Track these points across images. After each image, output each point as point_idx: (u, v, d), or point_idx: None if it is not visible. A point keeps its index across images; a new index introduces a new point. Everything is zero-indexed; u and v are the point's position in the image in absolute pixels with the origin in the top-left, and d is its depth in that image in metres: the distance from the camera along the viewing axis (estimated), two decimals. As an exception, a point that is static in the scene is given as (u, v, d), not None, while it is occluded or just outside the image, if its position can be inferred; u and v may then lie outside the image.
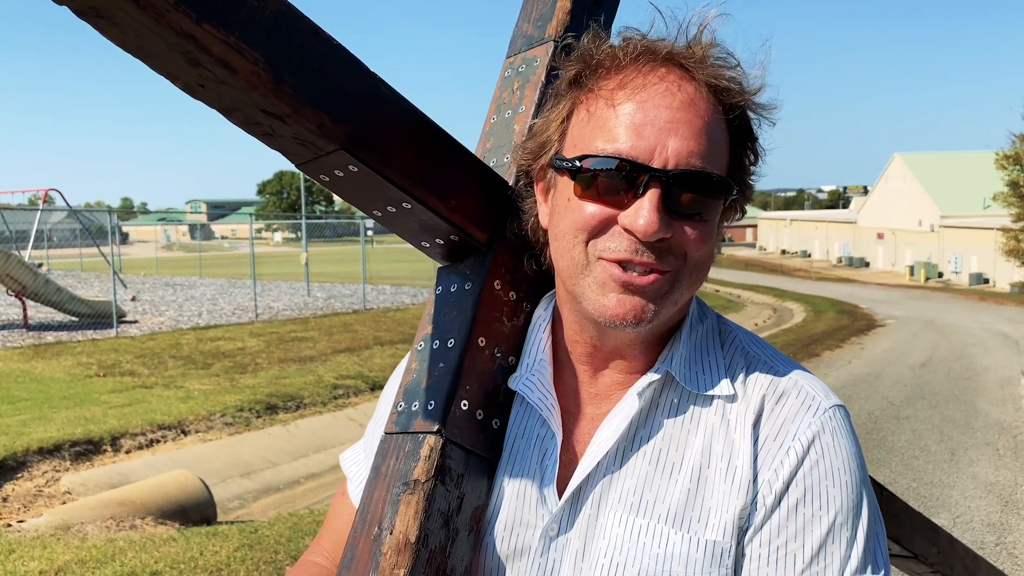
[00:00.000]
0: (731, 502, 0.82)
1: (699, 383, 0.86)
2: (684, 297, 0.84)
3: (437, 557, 0.81)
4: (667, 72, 0.81)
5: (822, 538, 0.80)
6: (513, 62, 1.11)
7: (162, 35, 0.69)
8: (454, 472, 0.85)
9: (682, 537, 0.81)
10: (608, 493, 0.85)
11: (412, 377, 0.91)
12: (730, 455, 0.83)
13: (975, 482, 6.07)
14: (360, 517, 0.85)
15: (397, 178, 0.83)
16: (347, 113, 0.79)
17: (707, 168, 0.79)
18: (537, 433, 0.89)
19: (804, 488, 0.81)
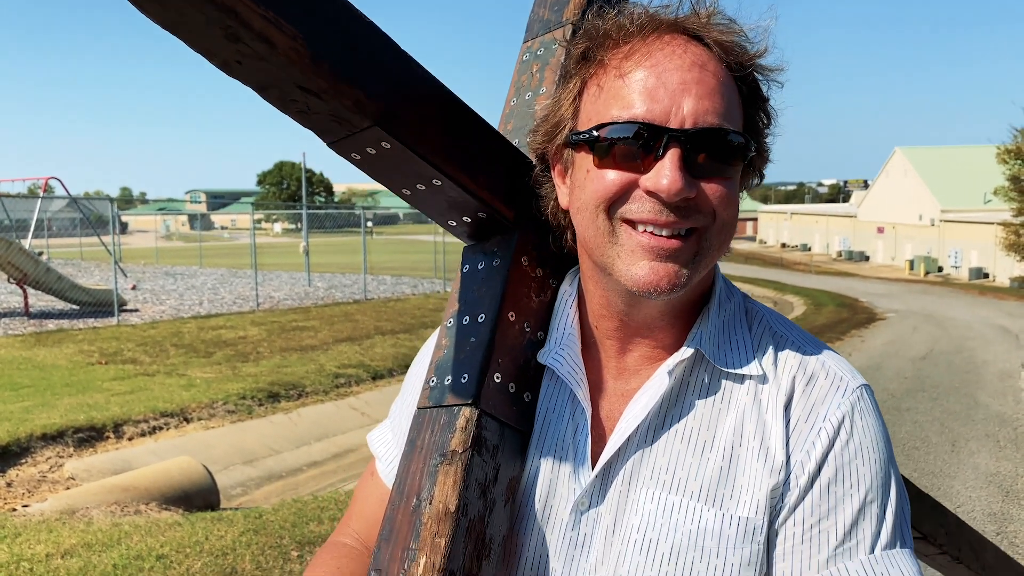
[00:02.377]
0: (763, 481, 0.83)
1: (728, 361, 0.87)
2: (712, 260, 0.85)
3: (476, 526, 0.83)
4: (672, 38, 0.82)
5: (854, 515, 0.82)
6: (531, 46, 1.11)
7: (203, 10, 0.70)
8: (489, 443, 0.86)
9: (715, 514, 0.83)
10: (639, 470, 0.86)
11: (443, 353, 0.93)
12: (762, 435, 0.84)
13: (976, 473, 6.10)
14: (397, 490, 0.86)
15: (429, 155, 0.84)
16: (382, 90, 0.80)
17: (724, 125, 0.80)
18: (568, 407, 0.91)
19: (836, 467, 0.83)
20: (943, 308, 24.45)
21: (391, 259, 31.18)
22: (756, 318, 0.92)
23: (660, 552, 0.83)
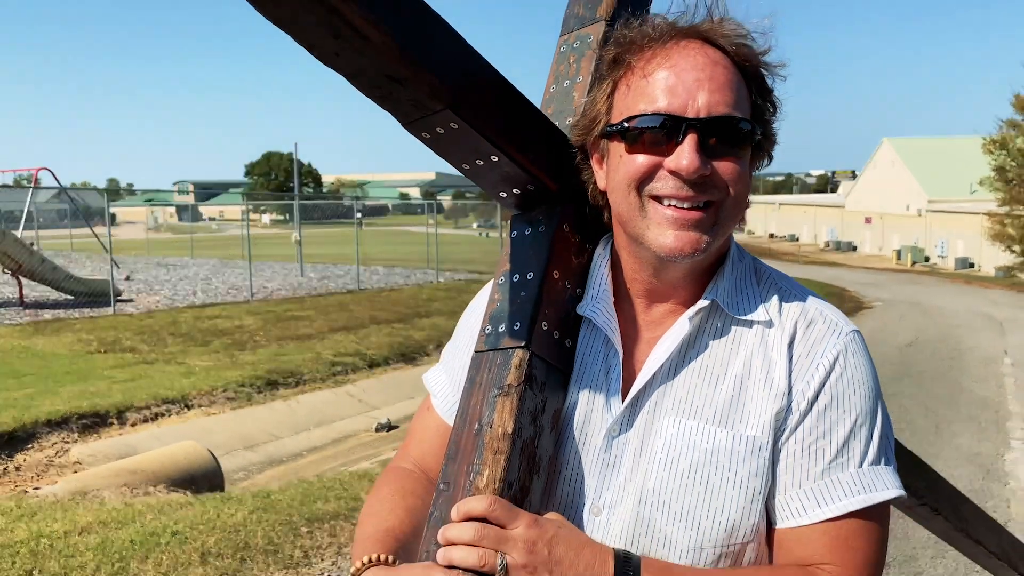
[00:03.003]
0: (769, 406, 0.98)
1: (740, 310, 1.03)
2: (727, 229, 1.00)
3: (528, 447, 0.98)
4: (688, 42, 0.97)
5: (846, 435, 0.97)
6: (568, 39, 1.26)
7: (315, 12, 0.84)
8: (538, 380, 1.01)
9: (726, 434, 0.98)
10: (663, 401, 1.02)
11: (496, 305, 1.08)
12: (768, 369, 1.00)
13: (958, 453, 6.31)
14: (461, 418, 1.02)
15: (489, 134, 0.99)
16: (452, 77, 0.94)
17: (733, 113, 0.95)
18: (602, 351, 1.06)
19: (831, 396, 0.98)
20: (929, 297, 24.75)
21: (382, 250, 31.23)
22: (764, 276, 1.08)
23: (680, 468, 0.98)
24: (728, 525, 0.97)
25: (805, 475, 0.97)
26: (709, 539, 0.97)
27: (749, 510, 0.97)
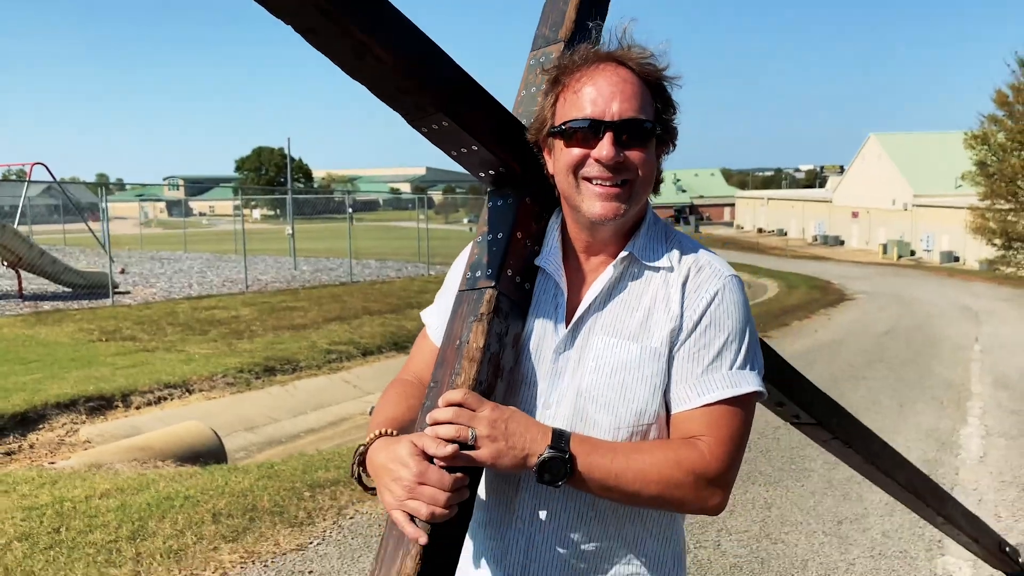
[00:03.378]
0: (666, 326, 1.36)
1: (650, 259, 1.40)
2: (640, 200, 1.37)
3: (494, 359, 1.35)
4: (606, 65, 1.34)
5: (720, 347, 1.35)
6: (536, 55, 1.64)
7: (346, 41, 1.21)
8: (503, 311, 1.38)
9: (638, 347, 1.36)
10: (594, 325, 1.39)
11: (475, 257, 1.45)
12: (667, 301, 1.37)
13: (918, 429, 6.72)
14: (446, 338, 1.39)
15: (470, 130, 1.37)
16: (444, 91, 1.31)
17: (639, 116, 1.32)
18: (552, 291, 1.43)
19: (710, 319, 1.36)
20: (911, 289, 25.23)
21: (373, 244, 31.55)
22: (672, 236, 1.46)
23: (605, 371, 1.36)
24: (637, 411, 1.35)
25: (690, 374, 1.35)
26: (624, 422, 1.35)
27: (652, 400, 1.35)
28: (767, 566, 3.95)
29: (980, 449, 6.10)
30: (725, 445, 1.32)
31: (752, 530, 4.41)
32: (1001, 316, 16.76)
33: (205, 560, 3.89)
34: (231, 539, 4.13)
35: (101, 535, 4.11)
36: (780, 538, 4.31)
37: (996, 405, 7.67)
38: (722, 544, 4.21)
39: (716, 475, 1.30)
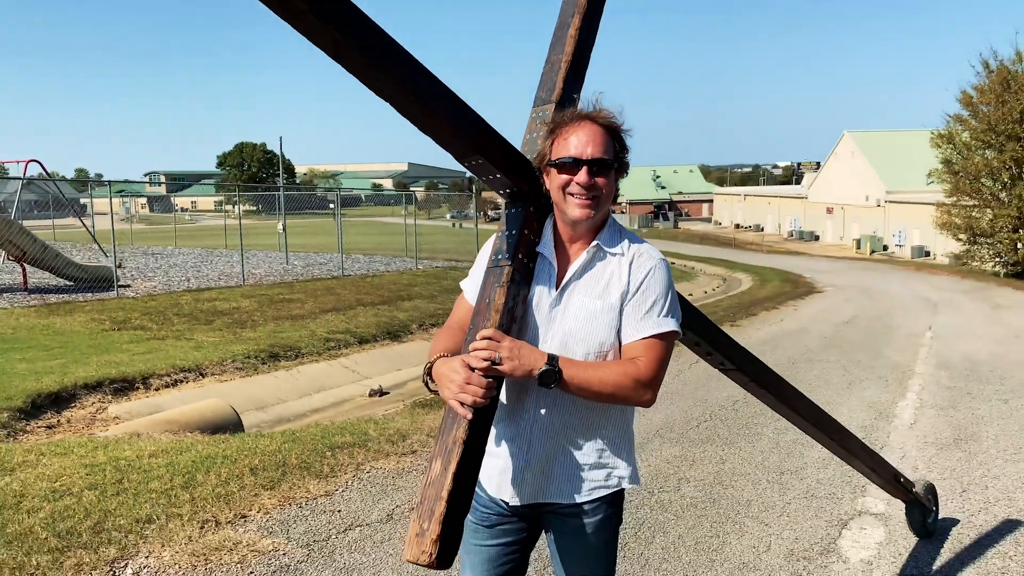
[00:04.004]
0: (619, 290, 2.15)
1: (611, 247, 2.20)
2: (604, 209, 2.16)
3: (512, 311, 2.13)
4: (584, 123, 2.13)
5: (651, 303, 2.14)
6: (537, 110, 2.43)
7: (413, 106, 2.00)
8: (516, 280, 2.17)
9: (602, 303, 2.15)
10: (574, 289, 2.18)
11: (498, 246, 2.24)
12: (620, 274, 2.17)
13: (861, 401, 7.58)
14: (479, 298, 2.17)
15: (496, 165, 2.16)
16: (481, 141, 2.10)
17: (604, 156, 2.10)
18: (547, 268, 2.22)
19: (646, 286, 2.15)
20: (878, 282, 26.29)
21: (359, 240, 32.20)
22: (624, 233, 2.26)
23: (582, 318, 2.15)
24: (600, 342, 2.14)
25: (633, 319, 2.14)
26: (592, 349, 2.15)
27: (609, 336, 2.15)
28: (717, 504, 4.78)
29: (912, 417, 6.98)
30: (653, 363, 2.12)
31: (707, 479, 5.24)
32: (958, 307, 17.76)
33: (249, 503, 4.66)
34: (268, 487, 4.90)
35: (158, 484, 4.86)
36: (730, 484, 5.14)
37: (935, 382, 8.57)
38: (681, 488, 5.04)
39: (648, 380, 2.10)
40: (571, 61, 2.39)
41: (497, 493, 2.23)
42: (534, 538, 2.34)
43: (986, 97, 32.56)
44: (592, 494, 2.20)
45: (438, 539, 1.88)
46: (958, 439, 6.30)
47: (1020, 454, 5.90)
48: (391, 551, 4.05)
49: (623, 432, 2.26)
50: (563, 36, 2.43)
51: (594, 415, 2.19)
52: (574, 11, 2.45)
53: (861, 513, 4.67)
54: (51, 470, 5.09)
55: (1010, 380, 8.76)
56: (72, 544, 3.96)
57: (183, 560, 3.87)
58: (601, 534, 2.23)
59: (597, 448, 2.21)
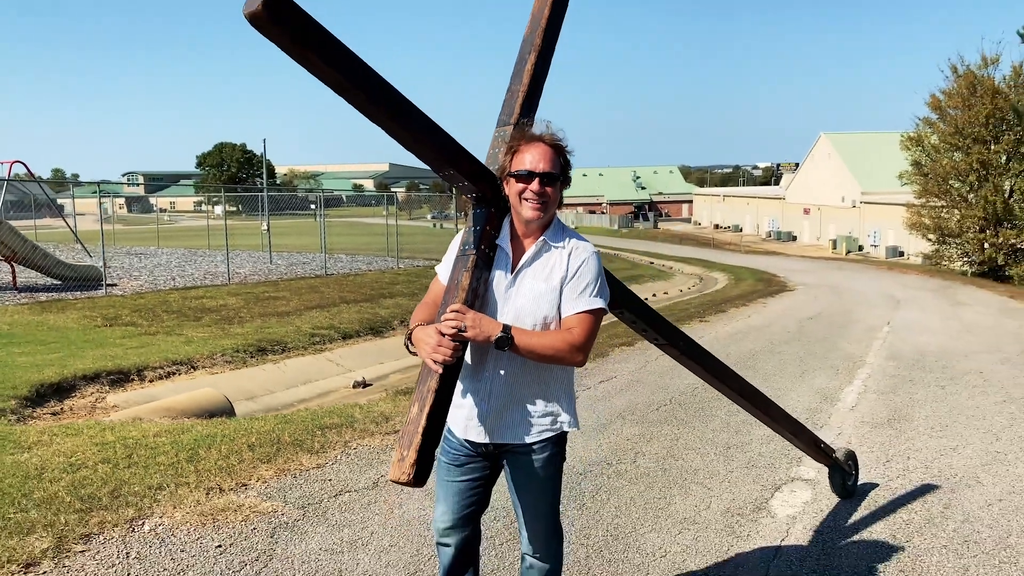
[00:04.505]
0: (559, 275, 2.71)
1: (555, 241, 2.76)
2: (551, 211, 2.72)
3: (475, 290, 2.68)
4: (536, 143, 2.70)
5: (584, 286, 2.69)
6: (499, 131, 2.99)
7: (405, 138, 2.56)
8: (479, 266, 2.72)
9: (546, 285, 2.71)
10: (525, 274, 2.74)
11: (465, 238, 2.79)
12: (561, 263, 2.72)
13: (811, 388, 8.20)
14: (450, 280, 2.72)
15: (464, 175, 2.71)
16: (453, 157, 2.66)
17: (552, 171, 2.67)
18: (505, 257, 2.78)
19: (581, 271, 2.71)
20: (848, 281, 27.08)
21: (341, 240, 32.63)
22: (566, 231, 2.82)
23: (531, 297, 2.71)
24: (544, 316, 2.70)
25: (570, 298, 2.71)
26: (538, 322, 2.70)
27: (551, 311, 2.70)
28: (667, 473, 5.36)
29: (854, 401, 7.60)
30: (585, 332, 2.68)
31: (661, 453, 5.83)
32: (920, 303, 18.51)
33: (249, 474, 5.18)
34: (265, 461, 5.43)
35: (165, 459, 5.37)
36: (681, 457, 5.73)
37: (881, 371, 9.22)
38: (637, 461, 5.62)
39: (580, 345, 2.66)
40: (527, 91, 2.96)
41: (464, 435, 2.79)
42: (495, 475, 2.90)
43: (953, 101, 33.55)
44: (540, 436, 2.76)
45: (414, 463, 2.43)
46: (891, 419, 6.93)
47: (943, 431, 6.53)
48: (377, 512, 4.60)
49: (565, 387, 2.83)
50: (521, 71, 2.99)
51: (541, 373, 2.76)
52: (531, 50, 3.01)
53: (793, 479, 5.27)
54: (65, 448, 5.58)
55: (951, 369, 9.42)
56: (94, 506, 4.47)
57: (193, 519, 4.39)
58: (548, 468, 2.80)
59: (543, 399, 2.77)
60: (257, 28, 2.08)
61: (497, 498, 3.15)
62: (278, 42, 2.13)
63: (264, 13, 2.02)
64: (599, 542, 4.20)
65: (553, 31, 3.05)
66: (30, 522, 4.20)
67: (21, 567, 3.74)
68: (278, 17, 2.04)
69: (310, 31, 2.11)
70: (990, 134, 32.56)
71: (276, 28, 2.05)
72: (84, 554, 3.92)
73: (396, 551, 4.06)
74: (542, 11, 3.03)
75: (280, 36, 2.08)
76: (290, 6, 2.07)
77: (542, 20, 3.01)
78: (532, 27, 3.03)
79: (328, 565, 3.89)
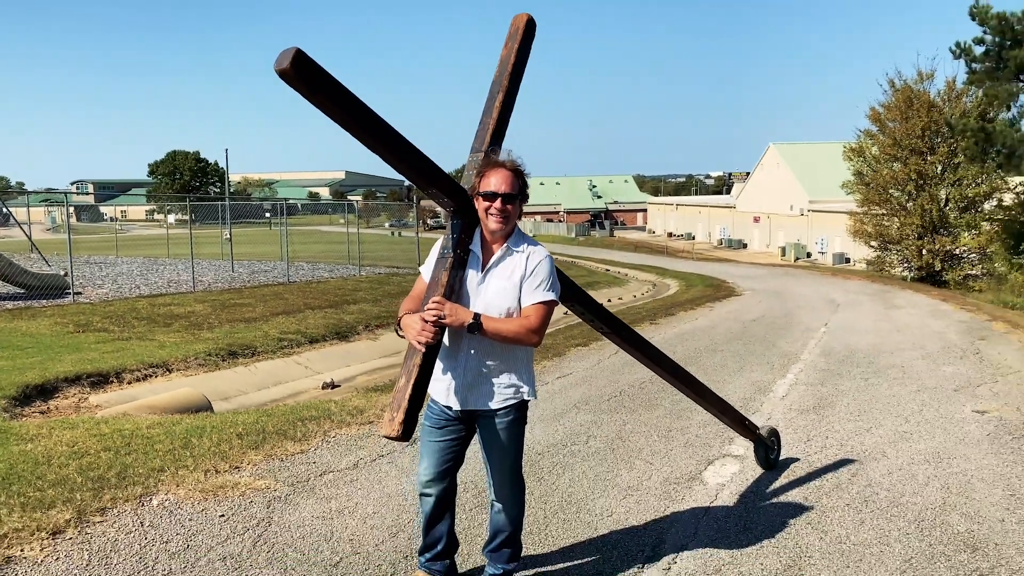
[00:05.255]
0: (519, 274, 3.37)
1: (517, 247, 3.42)
2: (512, 223, 3.38)
3: (453, 287, 3.32)
4: (500, 169, 3.37)
5: (539, 282, 3.35)
6: (472, 156, 3.64)
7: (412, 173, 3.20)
8: (456, 266, 3.36)
9: (509, 283, 3.37)
10: (492, 274, 3.39)
11: (445, 243, 3.44)
12: (521, 264, 3.38)
13: (748, 381, 8.98)
14: (432, 278, 3.36)
15: (442, 193, 3.36)
16: (432, 178, 3.30)
17: (512, 192, 3.33)
18: (477, 259, 3.43)
19: (536, 271, 3.37)
20: (793, 286, 28.22)
21: (300, 249, 32.93)
22: (526, 238, 3.49)
23: (496, 291, 3.36)
24: (508, 307, 3.36)
25: (528, 292, 3.37)
26: (503, 311, 3.35)
27: (513, 302, 3.36)
28: (615, 452, 6.05)
29: (785, 391, 8.40)
30: (539, 319, 3.35)
31: (610, 436, 6.52)
32: (857, 307, 19.58)
33: (240, 458, 5.74)
34: (254, 447, 5.99)
35: (161, 446, 5.90)
36: (628, 439, 6.43)
37: (813, 367, 10.06)
38: (589, 442, 6.30)
39: (535, 329, 3.33)
40: (495, 125, 3.62)
41: (444, 402, 3.43)
42: (469, 437, 3.55)
43: (892, 114, 35.12)
44: (505, 403, 3.42)
45: (402, 422, 3.07)
46: (816, 406, 7.73)
47: (861, 416, 7.34)
48: (359, 487, 5.20)
49: (525, 365, 3.49)
50: (491, 107, 3.65)
51: (505, 352, 3.42)
52: (499, 90, 3.67)
53: (725, 455, 6.00)
54: (65, 439, 6.08)
55: (877, 364, 10.31)
56: (104, 485, 5.00)
57: (195, 495, 4.95)
58: (511, 430, 3.45)
59: (508, 374, 3.43)
60: (286, 82, 2.69)
61: (468, 474, 3.79)
62: (302, 93, 2.74)
63: (291, 70, 2.63)
64: (555, 507, 4.87)
65: (517, 74, 3.72)
66: (49, 499, 4.72)
67: (49, 535, 4.27)
68: (302, 76, 2.65)
69: (328, 87, 2.73)
70: (926, 146, 34.15)
71: (301, 85, 2.65)
72: (103, 524, 4.46)
73: (379, 517, 4.67)
74: (509, 57, 3.69)
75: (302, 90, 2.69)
76: (312, 66, 2.69)
77: (508, 65, 3.68)
78: (500, 71, 3.69)
79: (320, 528, 4.49)
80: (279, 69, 2.65)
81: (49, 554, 4.04)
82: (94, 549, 4.11)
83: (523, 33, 3.72)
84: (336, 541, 4.31)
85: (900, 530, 4.56)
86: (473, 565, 3.98)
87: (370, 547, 4.23)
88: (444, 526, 3.64)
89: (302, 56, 2.59)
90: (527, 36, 3.75)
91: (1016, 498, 5.11)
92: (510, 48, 3.72)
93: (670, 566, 4.05)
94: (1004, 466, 5.80)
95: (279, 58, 2.65)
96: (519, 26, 3.73)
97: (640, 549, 4.25)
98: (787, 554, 4.22)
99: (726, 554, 4.20)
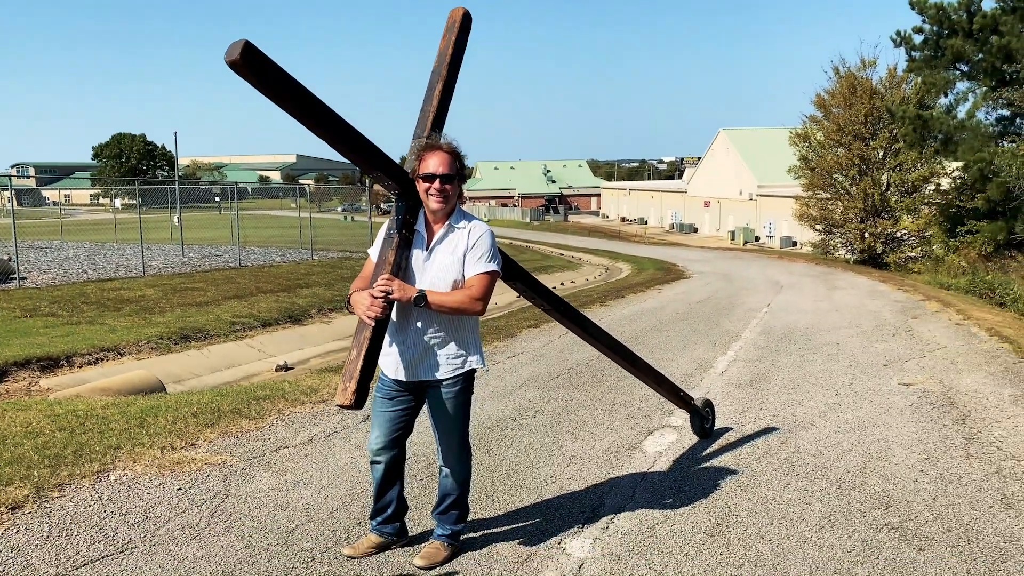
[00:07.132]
0: (462, 248, 3.58)
1: (458, 224, 3.64)
2: (452, 203, 3.59)
3: (399, 266, 3.53)
4: (438, 151, 3.58)
5: (480, 254, 3.58)
6: (414, 142, 3.84)
7: (356, 157, 3.39)
8: (402, 245, 3.56)
9: (453, 257, 3.59)
10: (437, 251, 3.61)
11: (391, 224, 3.64)
12: (463, 239, 3.60)
13: (690, 358, 9.34)
14: (379, 257, 3.56)
15: (385, 176, 3.56)
16: (376, 161, 3.50)
17: (450, 172, 3.54)
18: (421, 238, 3.64)
19: (477, 244, 3.59)
20: (740, 269, 28.90)
21: (252, 233, 32.65)
22: (467, 216, 3.71)
23: (441, 266, 3.58)
24: (452, 280, 3.58)
25: (471, 264, 3.59)
26: (447, 284, 3.58)
27: (458, 275, 3.58)
28: (562, 425, 6.33)
29: (724, 367, 8.77)
30: (482, 288, 3.58)
31: (557, 410, 6.80)
32: (800, 288, 20.20)
33: (196, 435, 5.88)
34: (209, 425, 6.12)
35: (116, 426, 6.00)
36: (573, 413, 6.71)
37: (753, 344, 10.47)
38: (537, 417, 6.57)
39: (479, 297, 3.56)
40: (435, 113, 3.82)
41: (394, 375, 3.65)
42: (419, 407, 3.77)
43: (836, 100, 35.97)
44: (452, 373, 3.65)
45: (354, 392, 3.28)
46: (753, 381, 8.11)
47: (794, 389, 7.74)
48: (313, 461, 5.39)
49: (472, 335, 3.72)
50: (431, 95, 3.85)
51: (452, 324, 3.64)
52: (438, 80, 3.87)
53: (664, 426, 6.32)
54: (19, 420, 6.14)
55: (813, 341, 10.77)
56: (61, 463, 5.11)
57: (153, 471, 5.09)
58: (459, 398, 3.68)
59: (454, 344, 3.65)
60: (236, 72, 2.85)
61: (419, 447, 4.01)
62: (252, 83, 2.91)
63: (240, 60, 2.80)
64: (503, 475, 5.12)
65: (455, 64, 3.92)
66: (6, 476, 4.82)
67: (8, 509, 4.39)
68: (251, 67, 2.82)
69: (277, 77, 2.90)
70: (868, 131, 35.07)
71: (250, 75, 2.83)
72: (61, 498, 4.59)
73: (333, 488, 4.87)
74: (447, 49, 3.89)
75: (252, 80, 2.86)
76: (260, 57, 2.85)
77: (447, 56, 3.88)
78: (439, 61, 3.89)
79: (276, 499, 4.68)
80: (229, 60, 2.82)
81: (9, 527, 4.16)
82: (54, 522, 4.25)
83: (460, 26, 3.92)
84: (292, 510, 4.50)
85: (822, 491, 4.91)
86: (423, 529, 4.21)
87: (324, 515, 4.43)
88: (394, 491, 3.86)
89: (251, 48, 2.76)
90: (463, 29, 3.95)
91: (930, 460, 5.51)
92: (448, 40, 3.93)
93: (608, 525, 4.33)
94: (923, 432, 6.21)
95: (229, 49, 2.82)
96: (456, 19, 3.94)
97: (581, 511, 4.52)
98: (716, 513, 4.53)
99: (660, 514, 4.50)
